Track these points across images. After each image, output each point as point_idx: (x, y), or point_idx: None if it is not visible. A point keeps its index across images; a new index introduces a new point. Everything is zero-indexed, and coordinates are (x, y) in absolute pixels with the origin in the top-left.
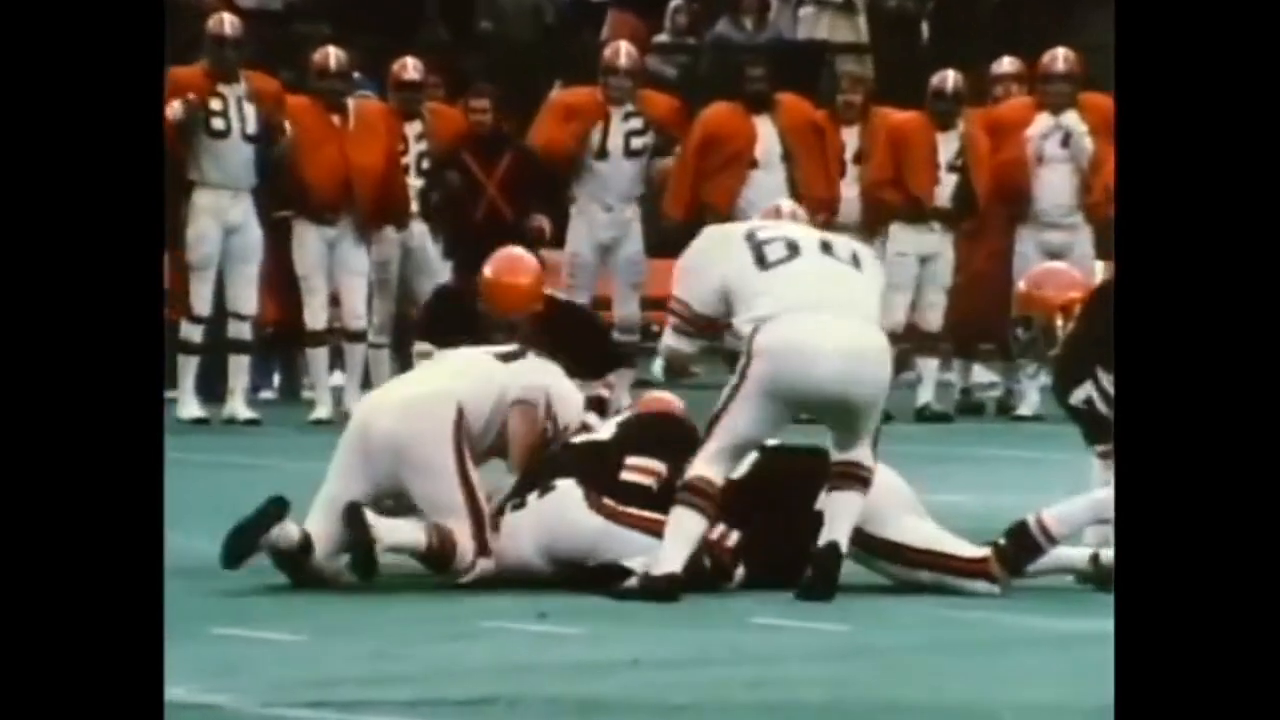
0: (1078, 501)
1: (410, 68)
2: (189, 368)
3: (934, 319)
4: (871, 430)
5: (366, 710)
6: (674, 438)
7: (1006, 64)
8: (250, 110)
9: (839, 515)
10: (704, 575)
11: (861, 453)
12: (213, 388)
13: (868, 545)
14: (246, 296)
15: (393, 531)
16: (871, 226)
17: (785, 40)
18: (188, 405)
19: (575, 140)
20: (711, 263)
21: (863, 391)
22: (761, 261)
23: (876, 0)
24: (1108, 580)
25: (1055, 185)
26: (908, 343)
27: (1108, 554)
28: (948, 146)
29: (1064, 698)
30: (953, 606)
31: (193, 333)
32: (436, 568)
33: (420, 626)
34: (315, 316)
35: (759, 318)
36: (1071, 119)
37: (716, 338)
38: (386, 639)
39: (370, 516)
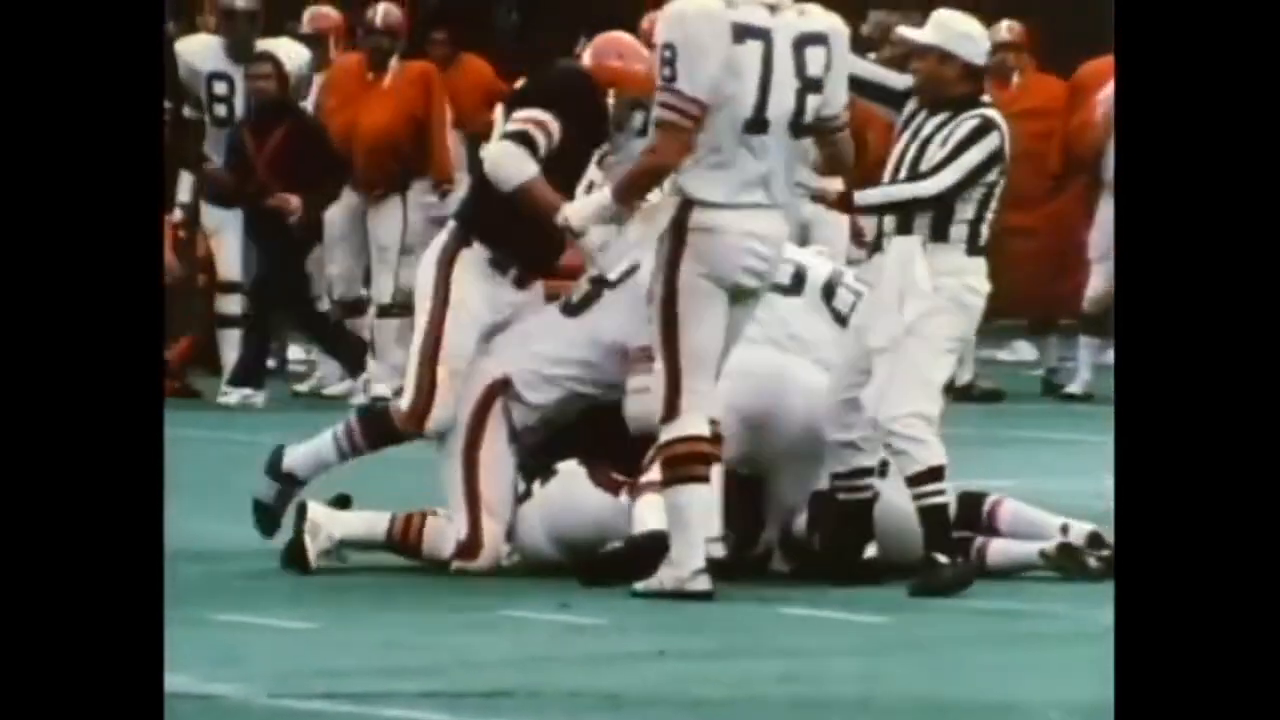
0: (1038, 513)
1: (380, 14)
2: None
3: None
4: None
5: (379, 702)
6: None
7: (1004, 31)
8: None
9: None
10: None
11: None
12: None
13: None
14: (229, 262)
15: (347, 524)
16: None
17: None
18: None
19: None
20: None
21: None
22: None
23: None
24: (1076, 566)
25: None
26: None
27: (1078, 529)
28: None
29: (1111, 695)
30: (994, 597)
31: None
32: (405, 556)
33: (436, 615)
34: (337, 288)
35: None
36: None
37: None
38: (400, 628)
39: (319, 510)
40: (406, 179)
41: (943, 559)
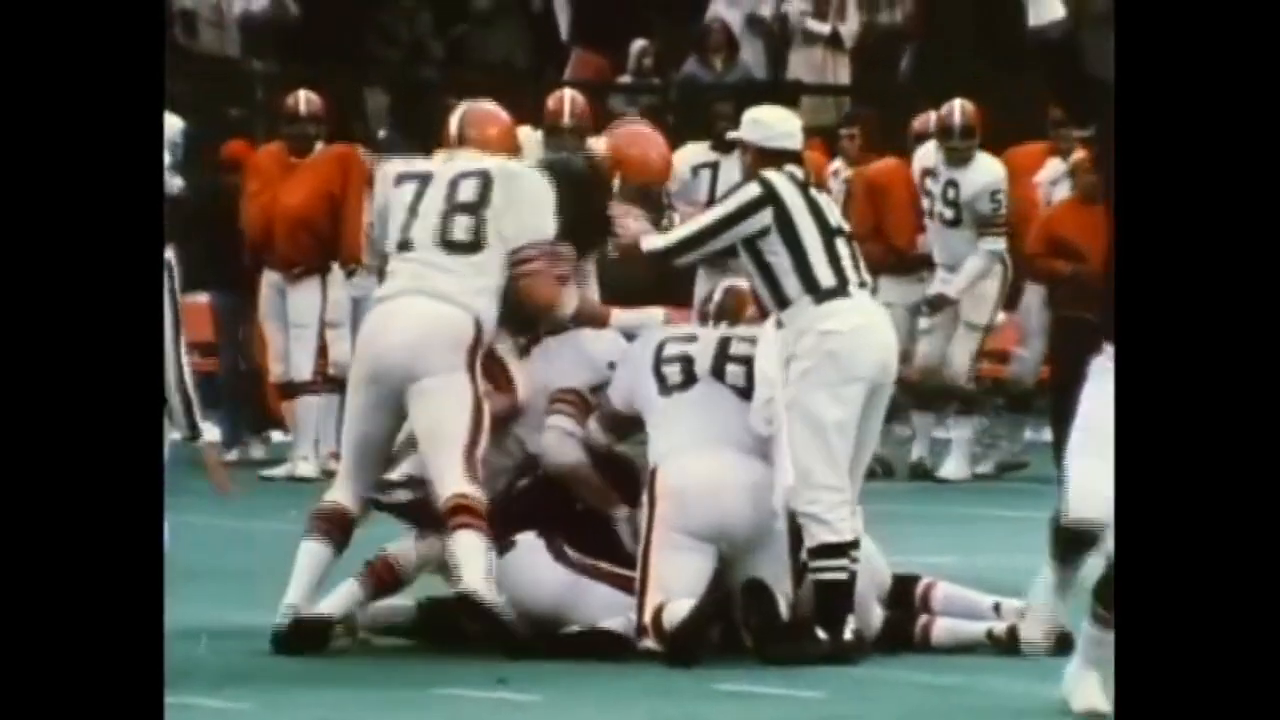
0: (971, 594)
1: (302, 101)
2: None
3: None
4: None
5: None
6: None
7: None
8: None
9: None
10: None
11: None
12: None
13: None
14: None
15: (332, 605)
16: None
17: (754, 80)
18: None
19: None
20: None
21: None
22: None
23: (863, 37)
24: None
25: None
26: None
27: (1009, 606)
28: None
29: None
30: (930, 670)
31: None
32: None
33: (370, 692)
34: (272, 368)
35: None
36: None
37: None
38: (334, 706)
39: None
40: (325, 258)
41: (822, 634)
